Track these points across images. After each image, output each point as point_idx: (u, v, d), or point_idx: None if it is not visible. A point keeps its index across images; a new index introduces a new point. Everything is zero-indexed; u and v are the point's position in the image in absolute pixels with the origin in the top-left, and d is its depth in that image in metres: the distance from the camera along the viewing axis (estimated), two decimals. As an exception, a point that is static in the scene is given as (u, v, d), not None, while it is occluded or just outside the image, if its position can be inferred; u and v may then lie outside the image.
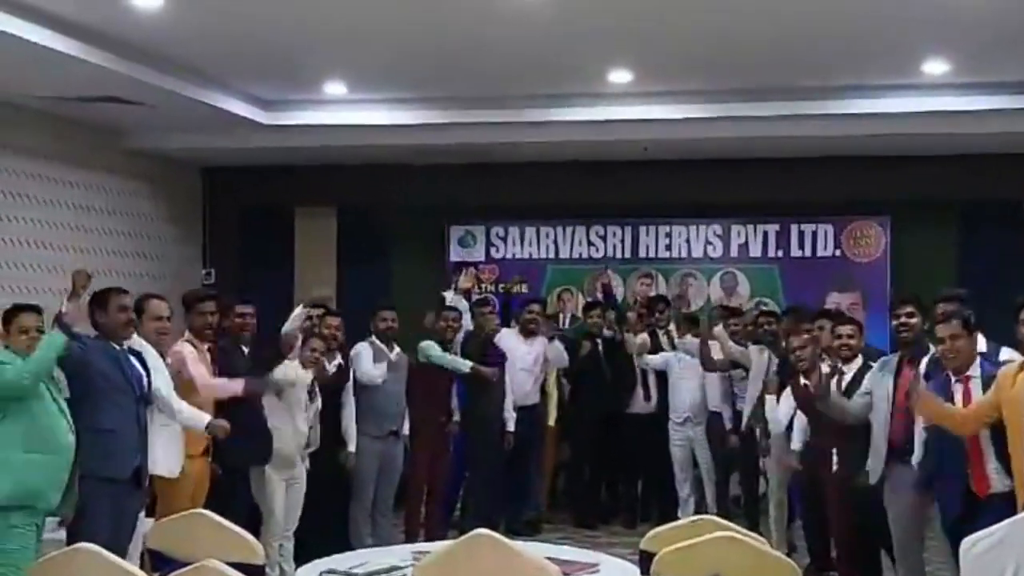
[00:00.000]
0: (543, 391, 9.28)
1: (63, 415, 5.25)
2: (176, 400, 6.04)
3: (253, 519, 6.70)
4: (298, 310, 7.27)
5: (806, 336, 7.07)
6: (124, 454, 5.52)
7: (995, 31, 7.19)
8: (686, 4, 6.75)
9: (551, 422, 9.39)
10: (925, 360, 6.10)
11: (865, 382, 6.46)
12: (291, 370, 7.01)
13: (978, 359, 5.54)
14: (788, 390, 7.27)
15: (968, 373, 5.51)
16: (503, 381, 8.70)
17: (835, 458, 6.76)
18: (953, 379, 5.56)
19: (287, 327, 7.13)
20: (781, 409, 7.44)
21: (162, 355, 6.12)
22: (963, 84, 8.55)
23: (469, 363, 8.37)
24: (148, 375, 5.71)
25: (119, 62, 7.62)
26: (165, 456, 6.00)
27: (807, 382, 6.77)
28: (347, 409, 7.71)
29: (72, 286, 5.41)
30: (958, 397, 5.50)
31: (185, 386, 6.28)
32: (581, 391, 9.42)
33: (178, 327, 6.66)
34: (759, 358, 8.14)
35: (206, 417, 6.15)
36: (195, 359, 6.45)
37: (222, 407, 6.52)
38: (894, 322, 6.36)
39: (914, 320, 6.22)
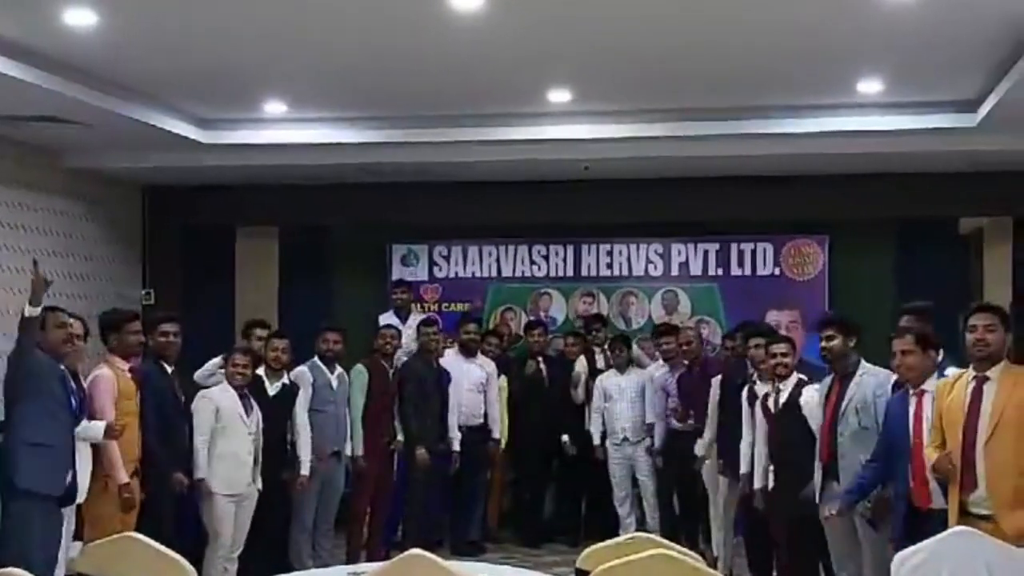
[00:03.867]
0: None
1: None
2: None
3: (192, 541, 6.64)
4: (216, 360, 7.43)
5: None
6: (59, 470, 5.50)
7: (928, 51, 7.29)
8: (623, 25, 6.78)
9: (502, 444, 9.34)
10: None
11: (815, 408, 6.50)
12: (215, 397, 7.02)
13: (935, 375, 5.60)
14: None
15: (923, 388, 5.57)
16: (445, 400, 8.69)
17: (772, 475, 6.83)
18: (910, 392, 5.63)
19: (198, 376, 7.32)
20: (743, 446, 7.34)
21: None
22: (897, 103, 8.64)
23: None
24: (81, 396, 5.69)
25: (55, 81, 7.50)
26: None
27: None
28: (302, 434, 7.67)
29: (32, 290, 5.45)
30: (911, 410, 5.57)
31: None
32: (525, 410, 9.41)
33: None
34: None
35: (101, 425, 6.07)
36: (109, 389, 6.30)
37: (147, 427, 6.48)
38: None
39: (834, 342, 6.31)
